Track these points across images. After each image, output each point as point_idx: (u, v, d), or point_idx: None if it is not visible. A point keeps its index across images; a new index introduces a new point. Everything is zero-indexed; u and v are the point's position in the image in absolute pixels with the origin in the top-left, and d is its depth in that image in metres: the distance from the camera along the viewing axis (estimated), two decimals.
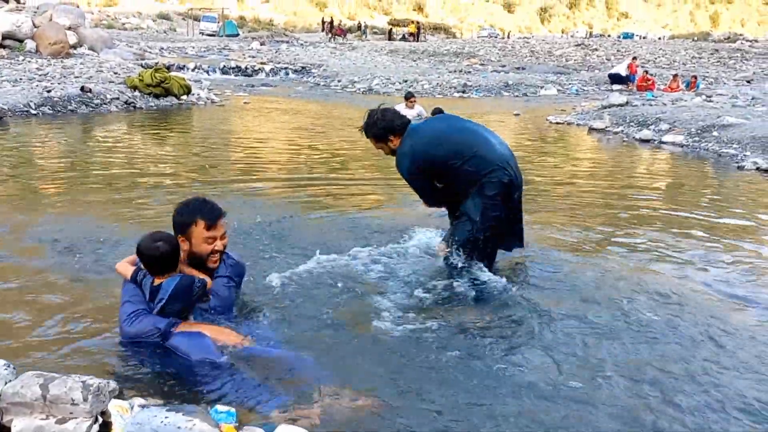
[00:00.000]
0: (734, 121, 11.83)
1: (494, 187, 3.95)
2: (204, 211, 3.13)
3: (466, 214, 4.02)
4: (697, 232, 5.64)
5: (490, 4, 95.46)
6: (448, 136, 4.06)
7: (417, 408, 2.66)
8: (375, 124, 4.15)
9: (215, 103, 15.60)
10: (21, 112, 11.39)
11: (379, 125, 4.14)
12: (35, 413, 2.27)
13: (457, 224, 4.11)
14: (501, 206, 4.02)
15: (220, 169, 7.99)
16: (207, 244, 3.13)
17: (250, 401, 2.61)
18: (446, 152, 3.97)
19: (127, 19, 49.22)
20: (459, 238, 4.05)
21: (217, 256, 3.19)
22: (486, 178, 3.94)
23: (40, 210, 5.45)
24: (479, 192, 3.96)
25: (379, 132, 4.15)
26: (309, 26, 64.85)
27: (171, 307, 2.97)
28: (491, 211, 3.98)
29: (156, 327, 2.94)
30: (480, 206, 3.97)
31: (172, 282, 2.97)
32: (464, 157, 3.95)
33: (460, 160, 3.95)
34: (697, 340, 3.42)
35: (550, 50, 37.41)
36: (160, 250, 2.94)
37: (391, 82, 23.02)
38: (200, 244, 3.13)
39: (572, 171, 9.05)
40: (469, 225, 4.01)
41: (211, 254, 3.16)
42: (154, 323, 2.95)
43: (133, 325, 2.96)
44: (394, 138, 4.14)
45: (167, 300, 2.95)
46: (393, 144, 4.15)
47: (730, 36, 52.62)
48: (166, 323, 2.94)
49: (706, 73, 27.47)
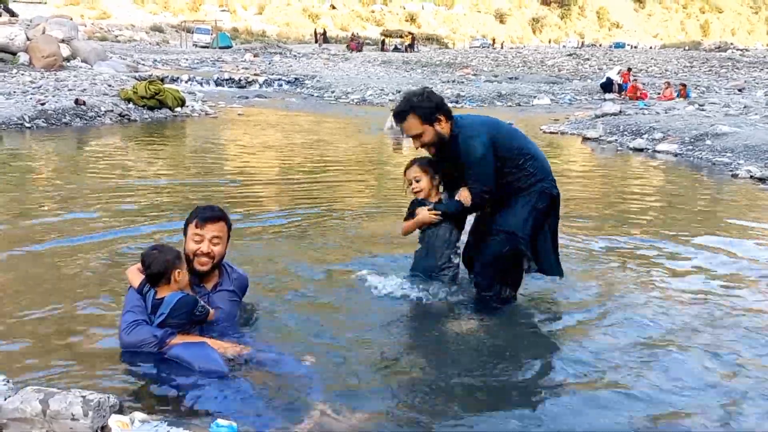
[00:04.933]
0: (727, 129, 11.91)
1: (545, 199, 3.65)
2: (199, 211, 3.25)
3: (503, 230, 3.64)
4: (693, 239, 5.66)
5: (482, 15, 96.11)
6: (514, 130, 3.80)
7: (414, 422, 2.64)
8: (428, 98, 3.61)
9: (209, 115, 15.61)
10: (15, 125, 11.36)
11: (434, 99, 3.61)
12: (35, 429, 2.26)
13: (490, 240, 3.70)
14: (543, 221, 3.70)
15: (215, 180, 7.98)
16: (193, 242, 3.19)
17: (250, 415, 2.60)
18: (518, 145, 3.65)
19: (120, 31, 49.32)
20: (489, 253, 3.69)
21: (204, 260, 3.20)
22: (538, 186, 3.64)
23: (36, 221, 5.41)
24: (527, 202, 3.62)
25: (428, 110, 3.57)
26: (302, 37, 65.11)
27: (171, 322, 3.01)
28: (535, 222, 3.64)
29: (153, 335, 2.97)
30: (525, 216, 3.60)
31: (174, 297, 3.01)
32: (528, 155, 3.66)
33: (524, 158, 3.63)
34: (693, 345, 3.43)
35: (542, 60, 37.67)
36: (153, 258, 3.03)
37: (385, 92, 23.09)
38: (189, 241, 3.21)
39: (566, 180, 9.07)
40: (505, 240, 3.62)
41: (195, 255, 3.19)
42: (151, 332, 2.98)
43: (131, 334, 2.99)
44: (444, 120, 3.61)
45: (168, 314, 2.99)
46: (441, 127, 3.60)
47: (720, 45, 53.12)
48: (162, 332, 2.98)
49: (698, 81, 27.67)
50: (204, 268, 3.22)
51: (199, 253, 3.19)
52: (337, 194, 7.52)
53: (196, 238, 3.19)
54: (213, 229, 3.19)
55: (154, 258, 3.03)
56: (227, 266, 3.44)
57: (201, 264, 3.21)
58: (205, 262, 3.21)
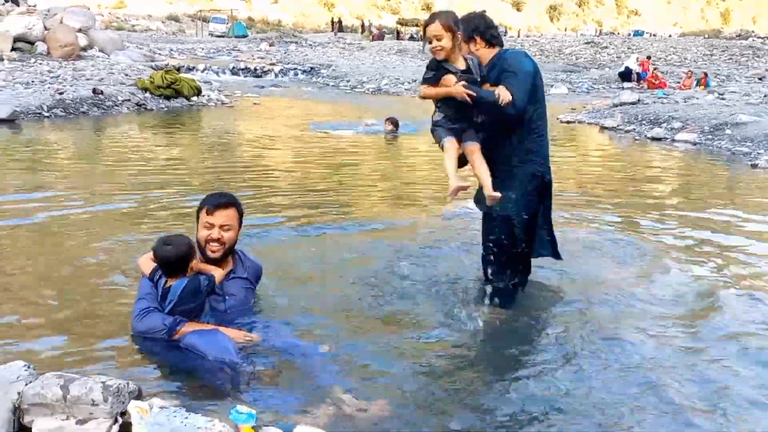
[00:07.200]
0: (747, 119, 11.74)
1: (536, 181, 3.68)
2: (210, 198, 3.29)
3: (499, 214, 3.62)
4: (713, 232, 5.58)
5: (499, 2, 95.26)
6: None
7: (429, 413, 2.65)
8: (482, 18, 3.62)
9: (225, 104, 15.64)
10: (33, 114, 11.46)
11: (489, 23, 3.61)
12: (56, 414, 2.28)
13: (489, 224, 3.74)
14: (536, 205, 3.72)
15: (229, 171, 8.01)
16: (205, 229, 3.23)
17: (266, 400, 2.63)
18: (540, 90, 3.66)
19: (136, 20, 49.41)
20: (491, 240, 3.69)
21: (214, 246, 3.23)
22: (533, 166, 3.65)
23: (56, 210, 5.46)
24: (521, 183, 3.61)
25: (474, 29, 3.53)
26: (317, 27, 64.95)
27: (180, 308, 3.07)
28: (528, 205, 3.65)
29: (163, 324, 3.03)
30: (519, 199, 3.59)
31: (179, 285, 3.07)
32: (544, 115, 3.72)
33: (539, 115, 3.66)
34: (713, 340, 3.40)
35: (559, 48, 37.30)
36: (168, 253, 3.06)
37: (400, 81, 22.99)
38: (200, 228, 3.25)
39: (583, 169, 9.01)
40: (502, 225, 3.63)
41: (207, 242, 3.22)
42: (162, 320, 3.04)
43: (142, 321, 3.07)
44: (482, 44, 3.57)
45: (176, 302, 3.06)
46: (476, 47, 3.56)
47: (741, 33, 52.17)
48: (172, 320, 3.03)
49: (718, 70, 27.28)
50: (215, 254, 3.24)
51: (209, 240, 3.22)
52: (353, 184, 7.52)
53: (206, 225, 3.22)
54: (223, 216, 3.21)
55: (168, 253, 3.06)
56: (241, 254, 3.46)
57: (212, 251, 3.24)
58: (216, 248, 3.23)
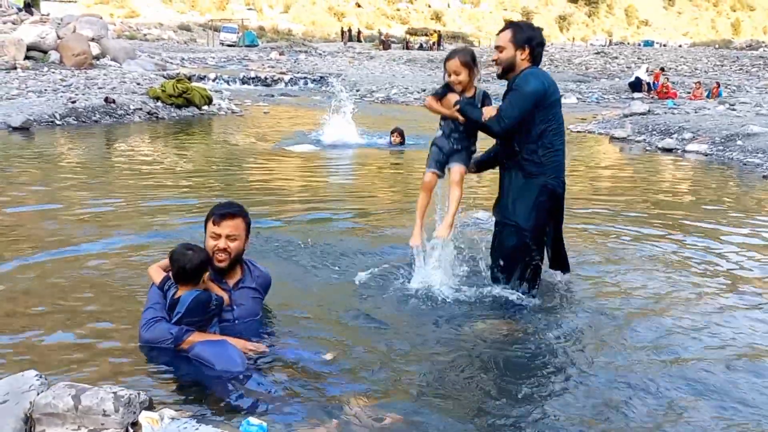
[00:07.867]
0: (759, 129, 11.68)
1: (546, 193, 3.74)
2: (216, 208, 3.31)
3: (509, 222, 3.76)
4: (724, 244, 5.55)
5: (508, 12, 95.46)
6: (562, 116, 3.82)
7: (442, 424, 2.63)
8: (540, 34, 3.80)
9: (236, 113, 15.72)
10: (46, 122, 11.55)
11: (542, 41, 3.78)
12: (67, 424, 2.29)
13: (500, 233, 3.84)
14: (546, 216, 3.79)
15: (240, 180, 8.04)
16: (211, 239, 3.24)
17: (277, 412, 2.61)
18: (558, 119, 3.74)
19: (148, 30, 49.89)
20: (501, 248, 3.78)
21: (221, 256, 3.24)
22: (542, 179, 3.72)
23: (66, 220, 5.50)
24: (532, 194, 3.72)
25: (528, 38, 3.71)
26: (327, 36, 65.29)
27: (187, 320, 3.07)
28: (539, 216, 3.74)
29: (169, 333, 3.04)
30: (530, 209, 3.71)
31: (189, 296, 3.07)
32: (560, 131, 3.75)
33: (555, 131, 3.72)
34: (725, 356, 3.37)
35: (569, 58, 37.28)
36: (188, 258, 3.06)
37: (410, 91, 23.04)
38: (207, 238, 3.26)
39: (594, 180, 8.98)
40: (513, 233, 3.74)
41: (214, 252, 3.23)
42: (168, 329, 3.05)
43: (149, 331, 3.08)
44: (527, 56, 3.73)
45: (184, 313, 3.06)
46: (521, 57, 3.73)
47: (752, 43, 52.03)
48: (178, 329, 3.04)
49: (729, 80, 27.17)
50: (222, 264, 3.26)
51: (216, 250, 3.23)
52: (361, 192, 7.52)
53: (213, 235, 3.23)
54: (229, 226, 3.23)
55: (189, 258, 3.07)
56: (250, 264, 3.47)
57: (219, 260, 3.25)
58: (222, 258, 3.25)
